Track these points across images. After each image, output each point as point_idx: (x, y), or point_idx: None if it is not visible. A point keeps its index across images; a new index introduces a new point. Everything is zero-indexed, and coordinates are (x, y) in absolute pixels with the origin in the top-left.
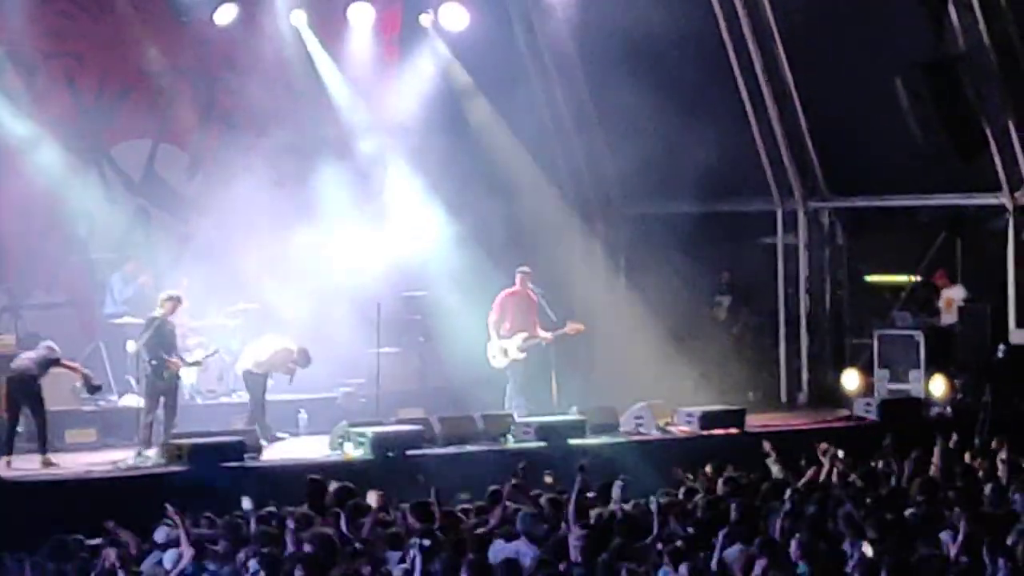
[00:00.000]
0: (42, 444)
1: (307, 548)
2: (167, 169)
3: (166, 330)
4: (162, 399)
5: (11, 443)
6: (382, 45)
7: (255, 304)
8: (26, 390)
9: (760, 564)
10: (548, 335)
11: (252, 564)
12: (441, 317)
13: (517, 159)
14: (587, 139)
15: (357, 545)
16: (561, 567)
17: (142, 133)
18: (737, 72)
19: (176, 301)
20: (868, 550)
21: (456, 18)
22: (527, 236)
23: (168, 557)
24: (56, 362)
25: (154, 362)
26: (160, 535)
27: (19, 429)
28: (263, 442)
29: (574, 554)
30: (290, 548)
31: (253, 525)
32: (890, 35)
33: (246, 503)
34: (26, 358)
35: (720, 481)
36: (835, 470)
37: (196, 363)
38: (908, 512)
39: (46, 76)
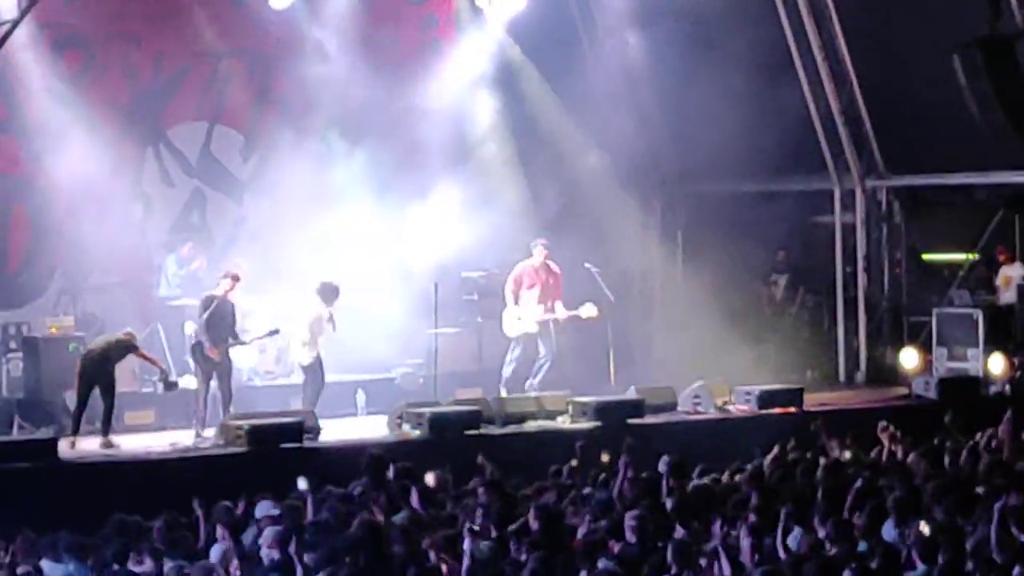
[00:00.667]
0: (106, 426)
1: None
2: (223, 151)
3: (225, 310)
4: (214, 380)
5: (78, 423)
6: (437, 25)
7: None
8: (100, 371)
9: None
10: (564, 314)
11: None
12: (498, 297)
13: (573, 139)
14: (643, 118)
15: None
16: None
17: (198, 115)
18: (794, 50)
19: (235, 280)
20: (925, 529)
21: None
22: (584, 216)
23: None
24: (135, 350)
25: (205, 343)
26: (261, 509)
27: None
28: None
29: (629, 534)
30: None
31: (310, 506)
32: (947, 12)
33: (302, 483)
34: (103, 341)
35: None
36: (896, 449)
37: (246, 342)
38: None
39: (103, 58)
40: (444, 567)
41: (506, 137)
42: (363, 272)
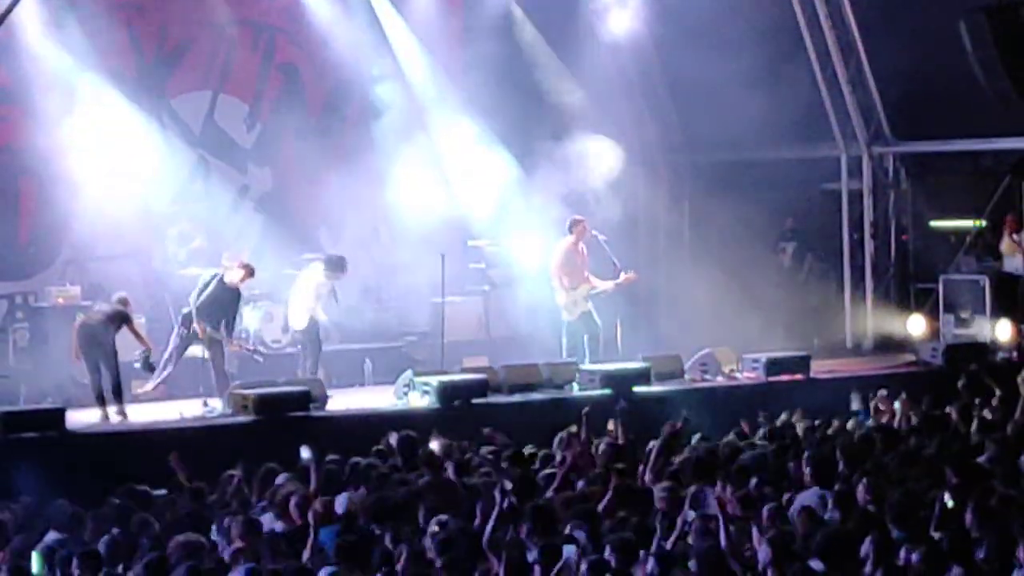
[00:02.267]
0: (117, 396)
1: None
2: (226, 120)
3: (226, 297)
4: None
5: (100, 394)
6: None
7: (316, 255)
8: (99, 341)
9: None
10: (609, 285)
11: None
12: (505, 265)
13: (579, 105)
14: (649, 86)
15: None
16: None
17: (202, 84)
18: (801, 17)
19: (249, 273)
20: (949, 501)
21: None
22: (590, 183)
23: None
24: (128, 321)
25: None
26: (305, 452)
27: (84, 381)
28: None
29: (659, 503)
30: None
31: (313, 475)
32: None
33: (305, 453)
34: (99, 311)
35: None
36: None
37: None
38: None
39: (108, 28)
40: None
41: (511, 105)
42: (368, 241)
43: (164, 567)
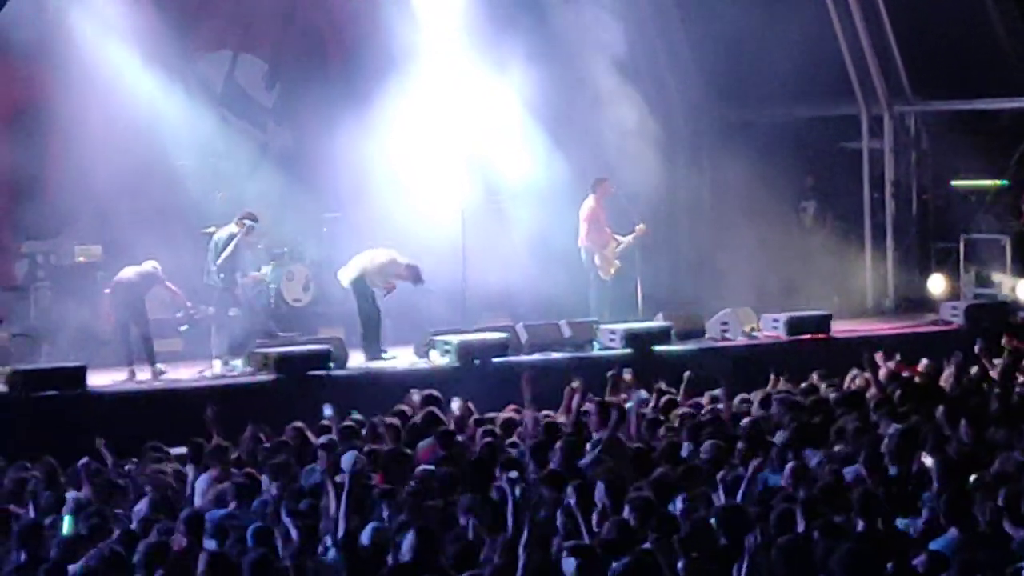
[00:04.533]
0: (151, 356)
1: None
2: (247, 79)
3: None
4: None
5: (129, 354)
6: None
7: (337, 213)
8: (131, 301)
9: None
10: (629, 239)
11: None
12: (525, 224)
13: (600, 64)
14: (670, 45)
15: None
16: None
17: (224, 44)
18: None
19: (251, 226)
20: (928, 461)
21: None
22: (610, 142)
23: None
24: (161, 281)
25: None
26: (328, 410)
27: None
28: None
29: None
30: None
31: (335, 433)
32: None
33: (327, 410)
34: (131, 271)
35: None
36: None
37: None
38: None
39: None
40: None
41: (533, 68)
42: (388, 199)
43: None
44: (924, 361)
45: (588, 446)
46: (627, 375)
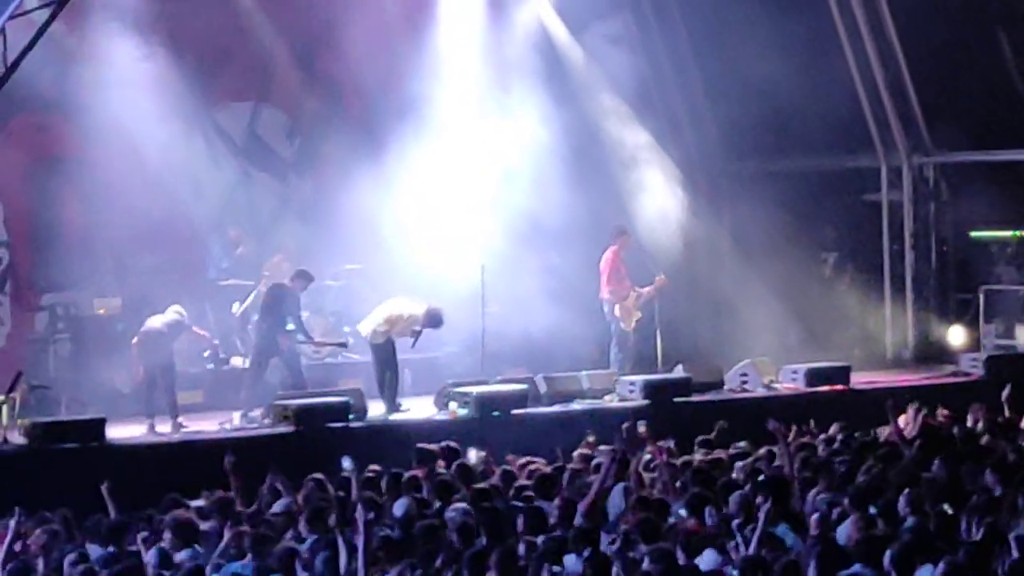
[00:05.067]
0: (173, 407)
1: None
2: (268, 131)
3: (292, 300)
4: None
5: (152, 405)
6: (487, 4)
7: (358, 265)
8: (158, 353)
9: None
10: (650, 290)
11: None
12: (544, 276)
13: (617, 115)
14: (689, 95)
15: None
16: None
17: (244, 96)
18: (840, 26)
19: (308, 280)
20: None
21: None
22: (629, 192)
23: None
24: (187, 328)
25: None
26: (347, 462)
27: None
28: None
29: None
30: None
31: (355, 486)
32: None
33: (346, 463)
34: (158, 321)
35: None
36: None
37: (318, 346)
38: None
39: (150, 40)
40: None
41: (550, 115)
42: (407, 252)
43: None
44: (944, 412)
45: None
46: (642, 427)
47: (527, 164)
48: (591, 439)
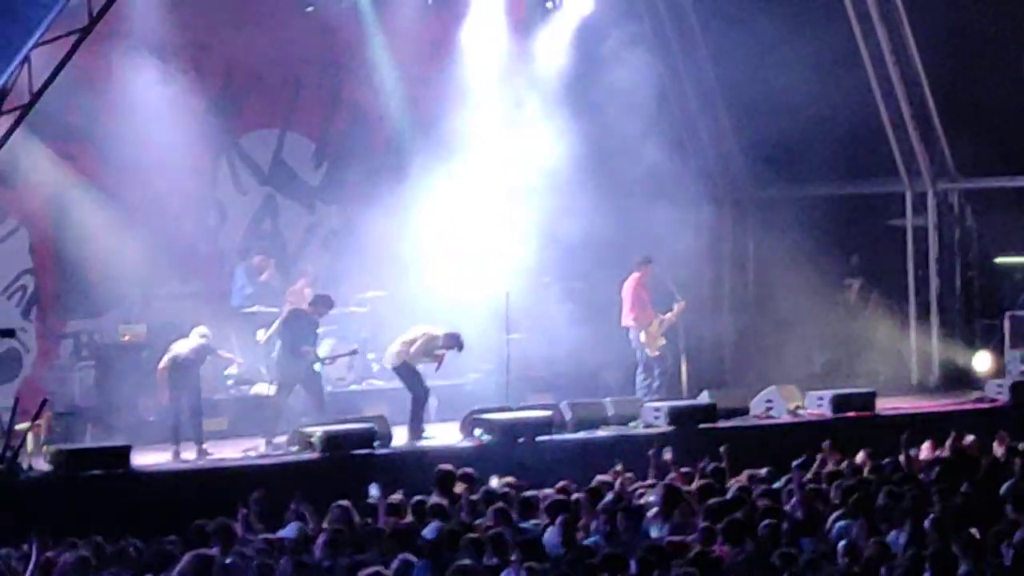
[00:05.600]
0: (198, 432)
1: None
2: (294, 158)
3: (307, 324)
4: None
5: (177, 432)
6: (508, 29)
7: (383, 292)
8: (187, 377)
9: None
10: (671, 315)
11: None
12: (568, 303)
13: (641, 142)
14: (713, 122)
15: None
16: None
17: (270, 122)
18: (864, 53)
19: (327, 306)
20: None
21: (581, 1)
22: (653, 220)
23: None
24: (214, 351)
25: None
26: (374, 490)
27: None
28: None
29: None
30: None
31: (382, 513)
32: (1019, 13)
33: (373, 490)
34: (184, 346)
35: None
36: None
37: (330, 361)
38: None
39: (175, 67)
40: None
41: (575, 142)
42: (433, 278)
43: None
44: (970, 438)
45: None
46: (667, 454)
47: (551, 189)
48: (619, 468)
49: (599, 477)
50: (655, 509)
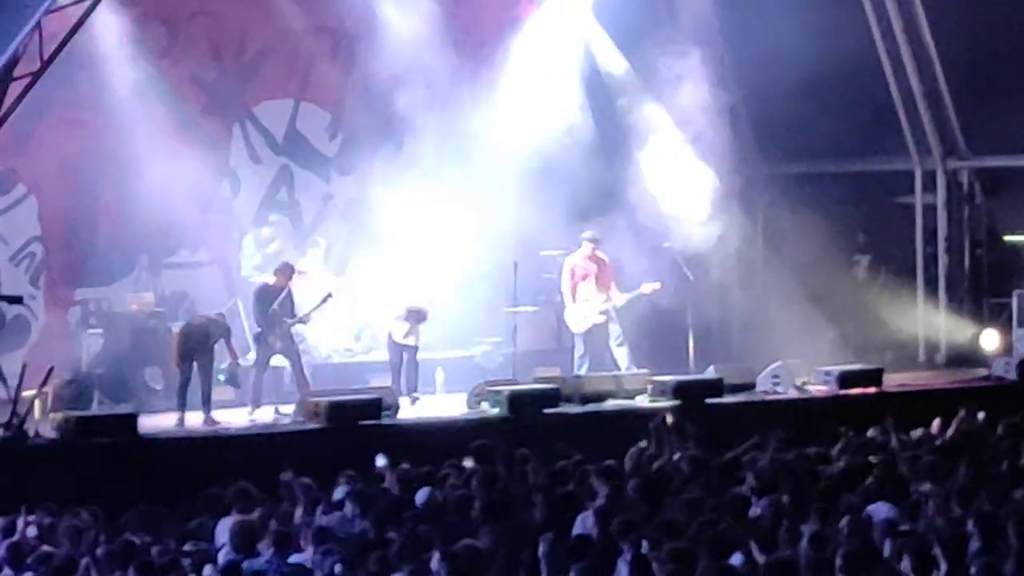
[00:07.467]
0: (207, 403)
1: None
2: (309, 128)
3: (278, 298)
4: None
5: (184, 400)
6: (519, 3)
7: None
8: (202, 348)
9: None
10: (624, 298)
11: None
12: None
13: (653, 118)
14: (725, 99)
15: None
16: None
17: (284, 93)
18: (876, 29)
19: (287, 274)
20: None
21: None
22: (662, 194)
23: None
24: (228, 334)
25: (259, 329)
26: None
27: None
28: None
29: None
30: None
31: (389, 482)
32: None
33: (380, 460)
34: (204, 318)
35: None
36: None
37: (304, 319)
38: None
39: (187, 37)
40: None
41: (586, 117)
42: (444, 249)
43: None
44: (980, 415)
45: None
46: (669, 418)
47: (563, 160)
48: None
49: None
50: None
